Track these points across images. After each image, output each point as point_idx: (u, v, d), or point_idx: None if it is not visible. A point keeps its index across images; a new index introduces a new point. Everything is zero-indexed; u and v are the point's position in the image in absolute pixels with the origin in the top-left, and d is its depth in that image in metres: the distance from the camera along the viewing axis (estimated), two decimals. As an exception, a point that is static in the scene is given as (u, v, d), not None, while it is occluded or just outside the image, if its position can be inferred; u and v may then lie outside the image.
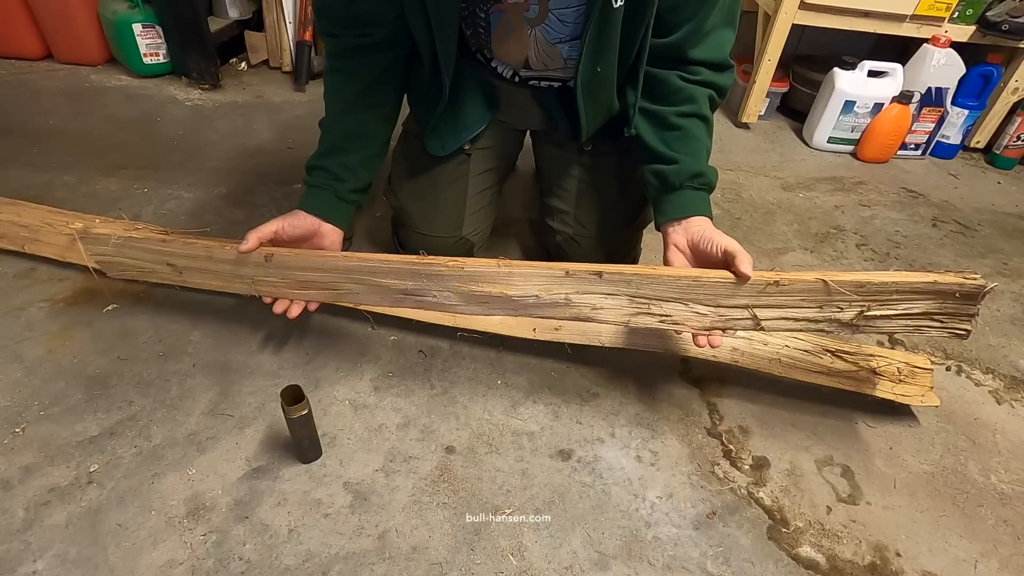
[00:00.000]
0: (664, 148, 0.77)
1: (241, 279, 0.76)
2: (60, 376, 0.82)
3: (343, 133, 0.80)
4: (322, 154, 0.80)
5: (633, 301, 0.69)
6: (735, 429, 0.84)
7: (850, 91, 1.56)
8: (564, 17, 0.74)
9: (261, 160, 1.36)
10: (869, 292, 0.66)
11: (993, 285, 0.65)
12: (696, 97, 0.76)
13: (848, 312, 0.67)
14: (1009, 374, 0.97)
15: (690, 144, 0.76)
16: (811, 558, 0.69)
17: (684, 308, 0.69)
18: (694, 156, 0.76)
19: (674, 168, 0.75)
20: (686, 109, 0.76)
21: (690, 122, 0.76)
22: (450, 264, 0.69)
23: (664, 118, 0.77)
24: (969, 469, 0.81)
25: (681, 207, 0.75)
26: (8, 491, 0.68)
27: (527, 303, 0.70)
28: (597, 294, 0.69)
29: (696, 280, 0.67)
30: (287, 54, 1.76)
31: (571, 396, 0.86)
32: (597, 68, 0.75)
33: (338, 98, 0.81)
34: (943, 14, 1.50)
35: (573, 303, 0.70)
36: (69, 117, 1.46)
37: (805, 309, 0.68)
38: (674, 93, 0.76)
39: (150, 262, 0.79)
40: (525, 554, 0.67)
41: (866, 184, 1.53)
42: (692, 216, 0.74)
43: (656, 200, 0.78)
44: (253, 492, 0.71)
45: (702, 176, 0.75)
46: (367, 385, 0.85)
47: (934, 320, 0.68)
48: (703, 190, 0.76)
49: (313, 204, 0.78)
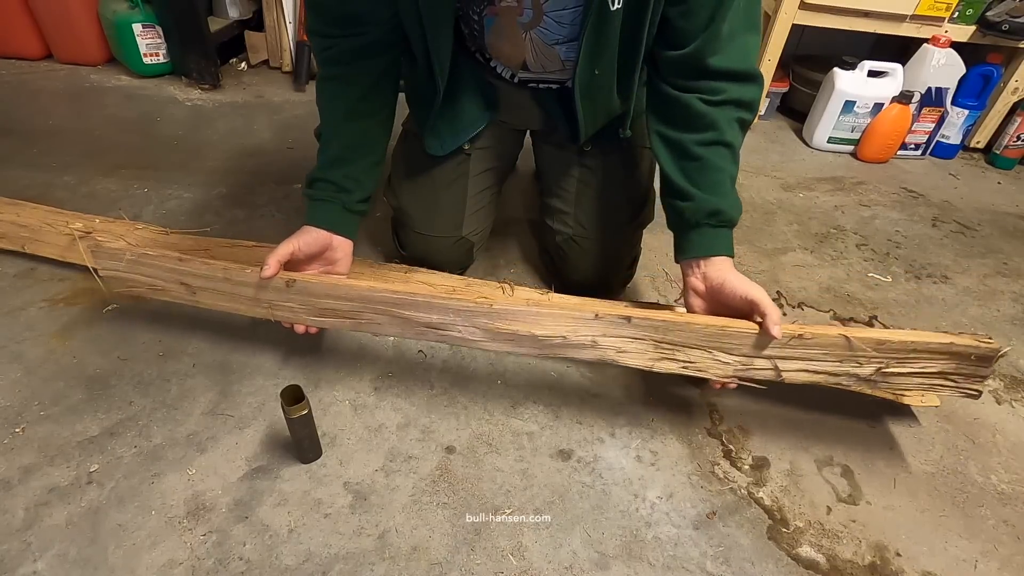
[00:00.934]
0: (682, 180, 0.73)
1: (259, 303, 0.74)
2: (60, 376, 0.82)
3: (345, 143, 0.78)
4: (325, 166, 0.78)
5: (658, 347, 0.69)
6: (735, 429, 0.84)
7: (850, 91, 1.56)
8: (560, 19, 0.74)
9: (261, 160, 1.36)
10: (888, 350, 0.67)
11: (1007, 349, 0.66)
12: (718, 123, 0.71)
13: (867, 368, 0.68)
14: (1009, 374, 0.97)
15: (710, 176, 0.72)
16: (811, 558, 0.69)
17: (707, 356, 0.69)
18: (713, 190, 0.71)
19: (690, 205, 0.72)
20: (707, 137, 0.71)
21: (711, 151, 0.71)
22: (478, 300, 0.68)
23: (684, 147, 0.72)
24: (969, 469, 0.81)
25: (699, 246, 0.72)
26: (8, 491, 0.68)
27: (553, 343, 0.70)
28: (624, 338, 0.69)
29: (723, 330, 0.67)
30: (287, 54, 1.76)
31: (571, 396, 0.86)
32: (595, 70, 0.74)
33: (336, 107, 0.79)
34: (943, 14, 1.49)
35: (599, 346, 0.70)
36: (69, 117, 1.46)
37: (826, 363, 0.69)
38: (695, 119, 0.71)
39: (163, 280, 0.76)
40: (525, 554, 0.67)
41: (866, 184, 1.53)
42: (712, 257, 0.71)
43: (675, 235, 0.76)
44: (253, 492, 0.71)
45: (720, 214, 0.71)
46: (367, 385, 0.85)
47: (948, 380, 0.70)
48: (723, 227, 0.72)
49: (322, 218, 0.76)
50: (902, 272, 1.20)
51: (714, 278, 0.71)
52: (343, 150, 0.78)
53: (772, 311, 0.66)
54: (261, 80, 1.75)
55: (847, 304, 1.10)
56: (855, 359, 0.68)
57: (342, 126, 0.79)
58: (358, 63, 0.77)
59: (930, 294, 1.15)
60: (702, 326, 0.68)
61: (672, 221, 0.77)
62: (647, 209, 0.98)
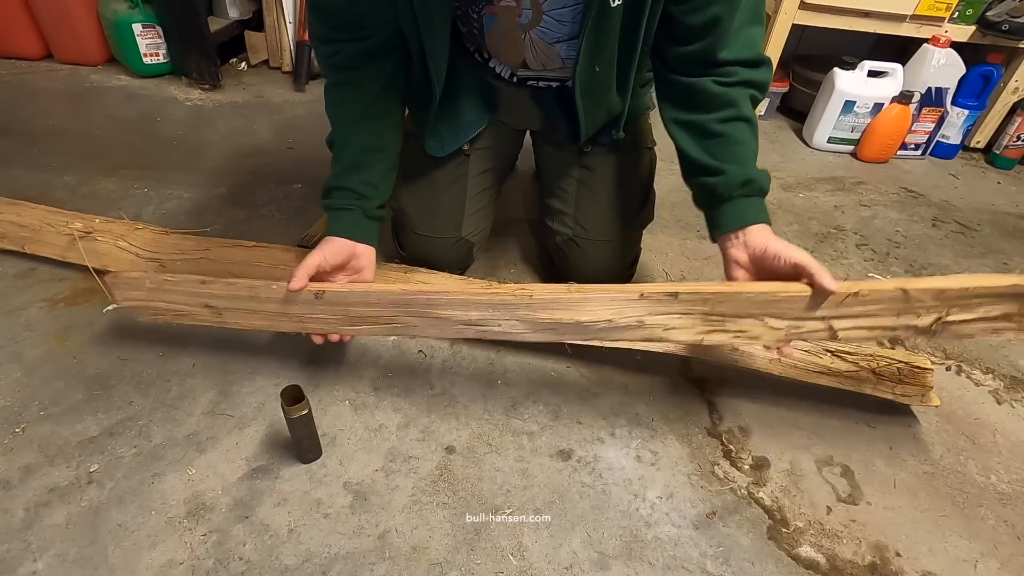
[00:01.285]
0: (707, 158, 0.73)
1: (288, 318, 0.73)
2: (60, 376, 0.82)
3: (359, 149, 0.77)
4: (341, 173, 0.77)
5: (707, 319, 0.67)
6: (735, 429, 0.84)
7: (850, 91, 1.56)
8: (560, 17, 0.74)
9: (261, 160, 1.36)
10: (949, 298, 0.64)
11: None
12: (736, 99, 0.71)
13: (926, 318, 0.66)
14: (1009, 374, 0.97)
15: (734, 150, 0.72)
16: (811, 558, 0.69)
17: (759, 324, 0.67)
18: (741, 162, 0.71)
19: (721, 179, 0.71)
20: (726, 114, 0.72)
21: (732, 126, 0.72)
22: (517, 293, 0.67)
23: (704, 127, 0.73)
24: (969, 469, 0.81)
25: (735, 218, 0.71)
26: (8, 491, 0.68)
27: (598, 328, 0.69)
28: (672, 314, 0.67)
29: (774, 295, 0.65)
30: (287, 54, 1.76)
31: (571, 396, 0.86)
32: (595, 68, 0.74)
33: (347, 112, 0.77)
34: (943, 14, 1.50)
35: (646, 325, 0.68)
36: (69, 117, 1.46)
37: (883, 318, 0.66)
38: (712, 99, 0.72)
39: (187, 305, 0.75)
40: (525, 554, 0.67)
41: (866, 184, 1.53)
42: (749, 226, 0.70)
43: (708, 213, 0.75)
44: (253, 492, 0.71)
45: (753, 182, 0.71)
46: (367, 385, 0.85)
47: (1012, 321, 0.67)
48: (756, 196, 0.72)
49: (344, 227, 0.75)
50: (902, 272, 1.20)
51: (756, 245, 0.69)
52: (358, 156, 0.77)
53: (821, 269, 0.64)
54: (261, 80, 1.75)
55: (847, 304, 1.09)
56: (913, 311, 0.65)
57: (354, 131, 0.77)
58: (365, 67, 0.76)
59: (930, 294, 1.14)
60: (753, 294, 0.65)
61: (702, 199, 0.75)
62: (647, 209, 0.97)
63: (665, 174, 1.05)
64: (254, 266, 0.92)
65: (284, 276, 0.92)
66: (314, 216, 1.16)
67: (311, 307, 0.72)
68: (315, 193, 1.24)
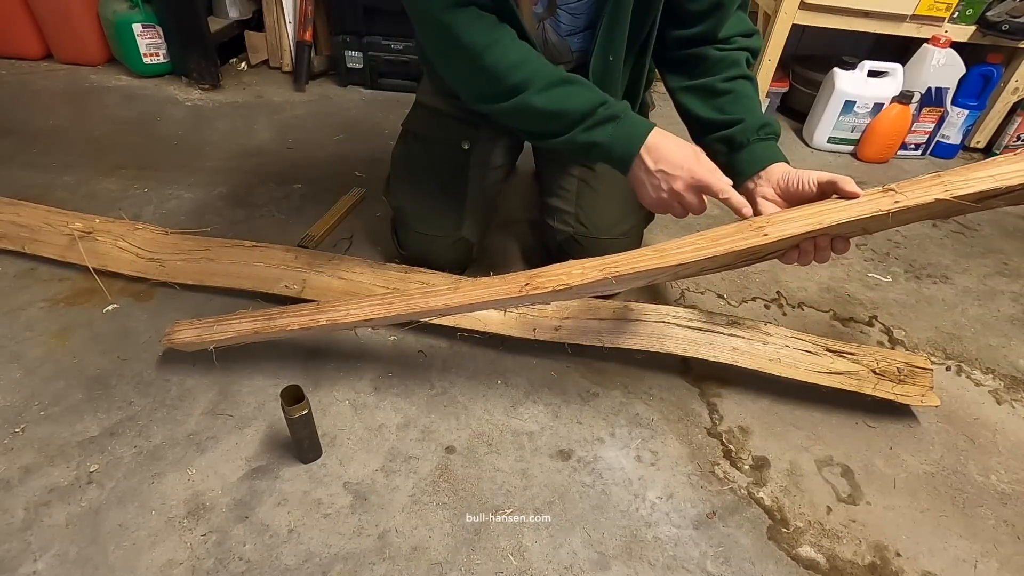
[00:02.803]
0: (720, 115, 0.76)
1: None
2: (60, 376, 0.82)
3: (560, 70, 0.70)
4: (596, 92, 0.70)
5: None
6: (735, 429, 0.84)
7: (850, 91, 1.56)
8: (574, 10, 0.75)
9: (261, 160, 1.36)
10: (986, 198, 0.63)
11: None
12: (738, 60, 0.76)
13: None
14: (1009, 374, 0.97)
15: (744, 102, 0.76)
16: (811, 558, 0.69)
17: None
18: (753, 112, 0.75)
19: (739, 128, 0.74)
20: (731, 73, 0.76)
21: (738, 83, 0.76)
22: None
23: (711, 87, 0.77)
24: (969, 469, 0.81)
25: (757, 160, 0.73)
26: (8, 491, 0.68)
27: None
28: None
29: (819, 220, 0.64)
30: (287, 54, 1.76)
31: (571, 396, 0.86)
32: (609, 57, 0.76)
33: (519, 54, 0.68)
34: (943, 14, 1.49)
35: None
36: (69, 117, 1.46)
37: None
38: (715, 64, 0.76)
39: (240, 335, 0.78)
40: (525, 554, 0.67)
41: (866, 184, 1.50)
42: (769, 166, 0.72)
43: (728, 164, 0.75)
44: (253, 492, 0.71)
45: (768, 125, 0.74)
46: (367, 385, 0.85)
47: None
48: (771, 139, 0.75)
49: (644, 123, 0.70)
50: (902, 272, 1.20)
51: (778, 179, 0.71)
52: (571, 75, 0.70)
53: (842, 177, 0.65)
54: (261, 80, 1.75)
55: (847, 304, 1.10)
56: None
57: (543, 63, 0.69)
58: (499, 25, 0.69)
59: (930, 294, 1.15)
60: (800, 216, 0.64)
61: (722, 153, 0.76)
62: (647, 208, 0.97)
63: (665, 174, 1.05)
64: (254, 266, 0.93)
65: (285, 276, 0.92)
66: (314, 216, 1.16)
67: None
68: (315, 193, 1.24)
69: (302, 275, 0.91)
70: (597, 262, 0.67)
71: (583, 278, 0.66)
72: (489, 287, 0.70)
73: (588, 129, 0.69)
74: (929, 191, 0.63)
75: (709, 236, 0.65)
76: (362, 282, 0.91)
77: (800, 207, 0.67)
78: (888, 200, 0.64)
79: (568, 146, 0.71)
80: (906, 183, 0.65)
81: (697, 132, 0.80)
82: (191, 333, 0.80)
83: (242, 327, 0.78)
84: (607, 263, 0.66)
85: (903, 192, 0.64)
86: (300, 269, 0.92)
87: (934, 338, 1.03)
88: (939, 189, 0.63)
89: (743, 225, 0.65)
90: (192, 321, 0.81)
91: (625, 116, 0.69)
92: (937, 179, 0.64)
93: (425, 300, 0.71)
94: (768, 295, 1.09)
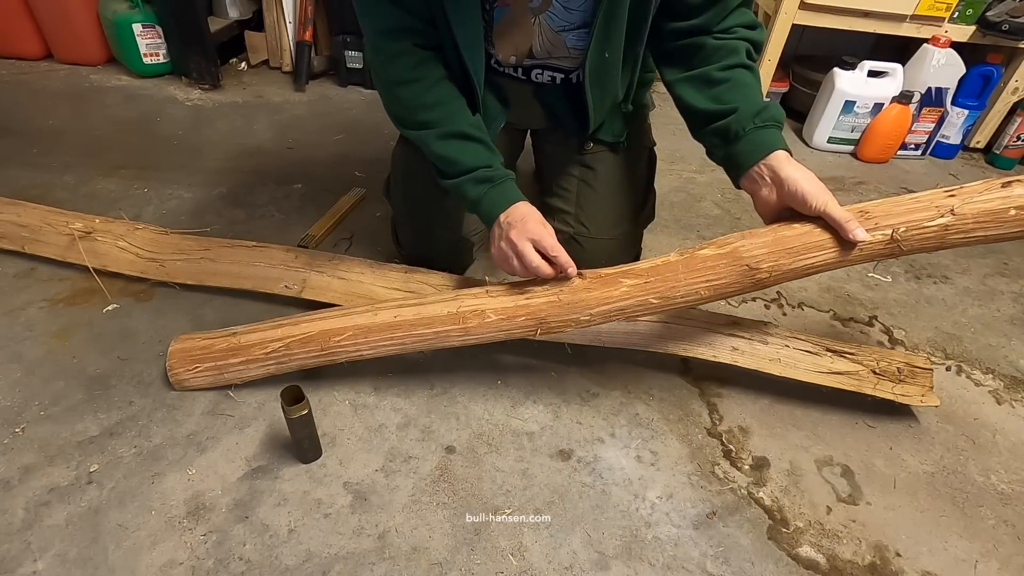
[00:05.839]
0: (716, 105, 0.72)
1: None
2: (60, 376, 0.82)
3: (470, 124, 0.76)
4: (484, 157, 0.76)
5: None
6: (735, 429, 0.84)
7: (850, 91, 1.56)
8: (570, 5, 0.75)
9: (261, 160, 1.36)
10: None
11: None
12: (737, 49, 0.73)
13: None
14: (1009, 374, 0.97)
15: (741, 91, 0.72)
16: (811, 558, 0.69)
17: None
18: (749, 100, 0.71)
19: (733, 117, 0.70)
20: (729, 62, 0.72)
21: (735, 72, 0.72)
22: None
23: (708, 76, 0.73)
24: (969, 469, 0.81)
25: (754, 151, 0.69)
26: (8, 491, 0.68)
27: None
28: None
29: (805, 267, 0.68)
30: (287, 54, 1.76)
31: (571, 396, 0.86)
32: (605, 54, 0.75)
33: (446, 95, 0.77)
34: (943, 14, 1.49)
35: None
36: (69, 117, 1.46)
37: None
38: (713, 52, 0.73)
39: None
40: (525, 554, 0.67)
41: (866, 184, 1.53)
42: (769, 155, 0.68)
43: (726, 157, 0.73)
44: (253, 492, 0.71)
45: (765, 111, 0.70)
46: (367, 385, 0.85)
47: None
48: (770, 126, 0.70)
49: (516, 193, 0.76)
50: (902, 272, 1.20)
51: (772, 177, 0.69)
52: (475, 131, 0.76)
53: (848, 218, 0.65)
54: (261, 80, 1.75)
55: (847, 304, 1.10)
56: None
57: (457, 112, 0.76)
58: (427, 65, 0.76)
59: (930, 294, 1.15)
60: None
61: (717, 147, 0.74)
62: (647, 208, 0.97)
63: (665, 174, 1.06)
64: (254, 266, 0.93)
65: (285, 276, 0.92)
66: (314, 216, 1.16)
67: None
68: (315, 193, 1.24)
69: (302, 275, 0.91)
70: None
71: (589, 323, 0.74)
72: (500, 330, 0.76)
73: (468, 183, 0.75)
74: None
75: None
76: (362, 282, 0.91)
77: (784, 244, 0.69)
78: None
79: (454, 191, 0.77)
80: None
81: (694, 126, 0.77)
82: (202, 381, 0.81)
83: (254, 373, 0.80)
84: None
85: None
86: (300, 269, 0.92)
87: (934, 338, 1.03)
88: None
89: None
90: (199, 365, 0.80)
91: (501, 183, 0.75)
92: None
93: (439, 342, 0.76)
94: (768, 295, 1.09)
